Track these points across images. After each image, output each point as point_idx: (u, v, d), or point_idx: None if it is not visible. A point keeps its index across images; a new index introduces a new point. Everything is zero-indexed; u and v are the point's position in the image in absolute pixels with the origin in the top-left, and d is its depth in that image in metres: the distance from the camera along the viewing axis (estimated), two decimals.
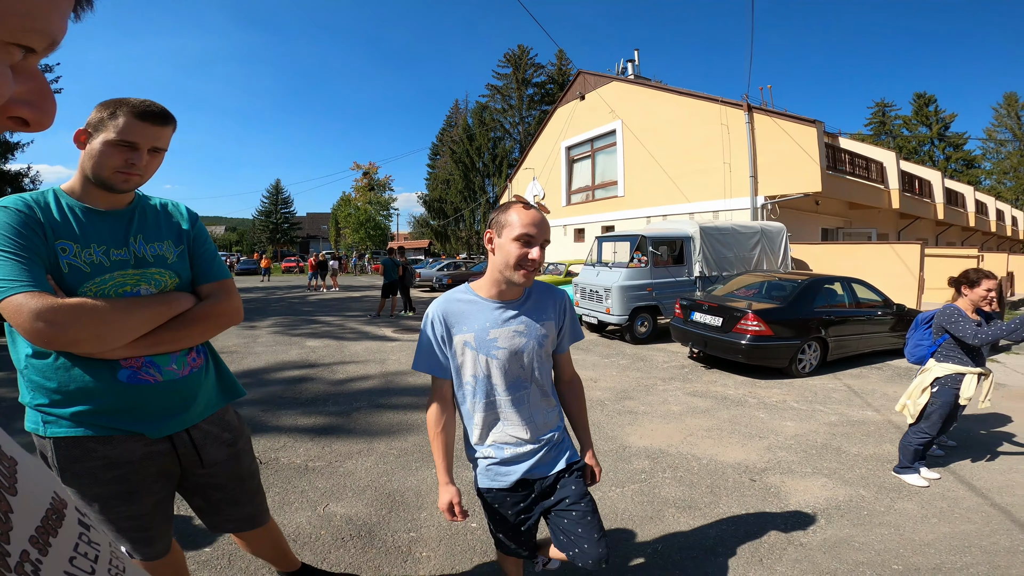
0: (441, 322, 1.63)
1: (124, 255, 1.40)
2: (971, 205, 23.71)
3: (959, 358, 3.44)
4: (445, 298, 1.67)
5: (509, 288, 1.61)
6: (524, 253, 1.52)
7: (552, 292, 1.75)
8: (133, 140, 1.32)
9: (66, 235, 1.32)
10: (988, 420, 4.81)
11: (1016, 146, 48.09)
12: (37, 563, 0.36)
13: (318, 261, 20.97)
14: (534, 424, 1.66)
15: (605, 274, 9.16)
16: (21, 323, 1.16)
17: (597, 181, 19.52)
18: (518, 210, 1.55)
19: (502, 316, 1.62)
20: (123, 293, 1.38)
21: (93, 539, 0.43)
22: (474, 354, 1.61)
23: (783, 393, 5.71)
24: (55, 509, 0.41)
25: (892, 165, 15.95)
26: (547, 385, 1.71)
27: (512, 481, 1.67)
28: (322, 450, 3.86)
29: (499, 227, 1.57)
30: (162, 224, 1.54)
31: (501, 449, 1.66)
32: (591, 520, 1.66)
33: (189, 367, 1.51)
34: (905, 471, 3.52)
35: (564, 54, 44.31)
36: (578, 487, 1.70)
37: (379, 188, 41.96)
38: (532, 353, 1.64)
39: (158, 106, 1.37)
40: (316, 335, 9.23)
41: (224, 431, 1.65)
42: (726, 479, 3.47)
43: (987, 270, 3.44)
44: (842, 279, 7.59)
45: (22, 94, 0.41)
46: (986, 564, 2.51)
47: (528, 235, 1.51)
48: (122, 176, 1.35)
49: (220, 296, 1.56)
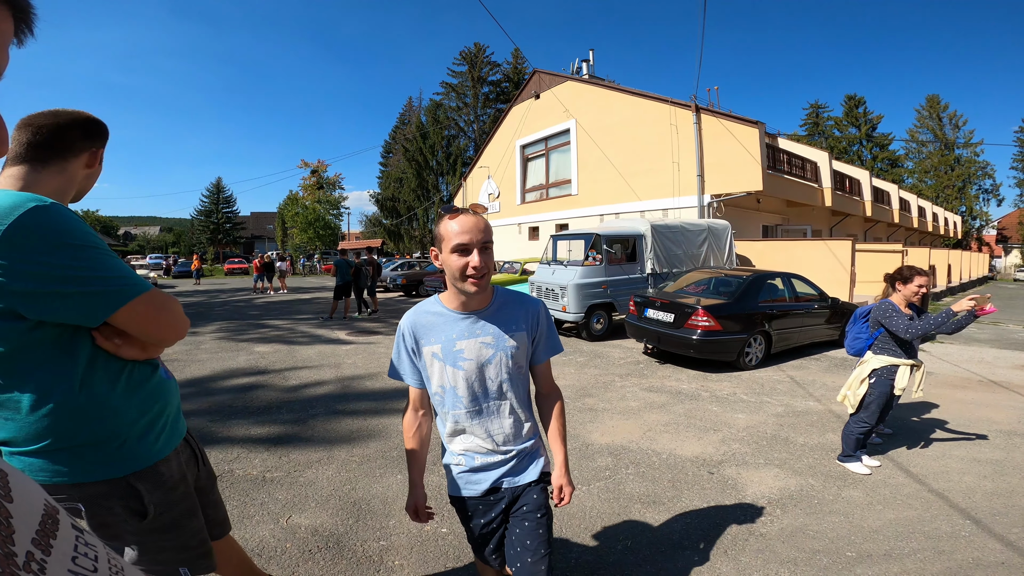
0: (411, 334, 1.62)
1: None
2: (896, 203, 25.45)
3: (894, 350, 3.69)
4: (416, 310, 1.65)
5: (470, 299, 1.57)
6: (464, 263, 1.47)
7: (525, 303, 1.70)
8: None
9: None
10: (919, 407, 5.19)
11: (937, 146, 52.18)
12: (42, 563, 0.38)
13: (264, 262, 20.17)
14: (503, 435, 1.64)
15: (561, 272, 9.28)
16: (172, 322, 1.12)
17: (551, 180, 19.71)
18: (448, 221, 1.51)
19: (469, 327, 1.59)
20: None
21: (88, 541, 0.45)
22: (441, 365, 1.59)
23: (733, 386, 5.96)
24: (49, 515, 0.43)
25: (825, 165, 16.90)
26: (519, 398, 1.67)
27: (483, 489, 1.65)
28: (279, 460, 3.71)
29: (438, 242, 1.53)
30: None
31: (472, 458, 1.65)
32: (539, 536, 1.62)
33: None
34: (848, 459, 3.74)
35: (520, 53, 44.52)
36: (539, 497, 1.68)
37: (328, 186, 40.82)
38: (500, 365, 1.60)
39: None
40: (265, 340, 8.88)
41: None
42: (686, 473, 3.59)
43: (919, 267, 3.71)
44: (782, 274, 8.00)
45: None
46: (931, 549, 2.69)
47: (461, 244, 1.46)
48: None
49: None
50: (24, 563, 0.36)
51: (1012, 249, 55.52)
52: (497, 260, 15.38)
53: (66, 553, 0.41)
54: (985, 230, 54.72)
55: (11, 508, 0.38)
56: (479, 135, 41.30)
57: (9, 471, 0.42)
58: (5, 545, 0.35)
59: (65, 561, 0.40)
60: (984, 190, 52.08)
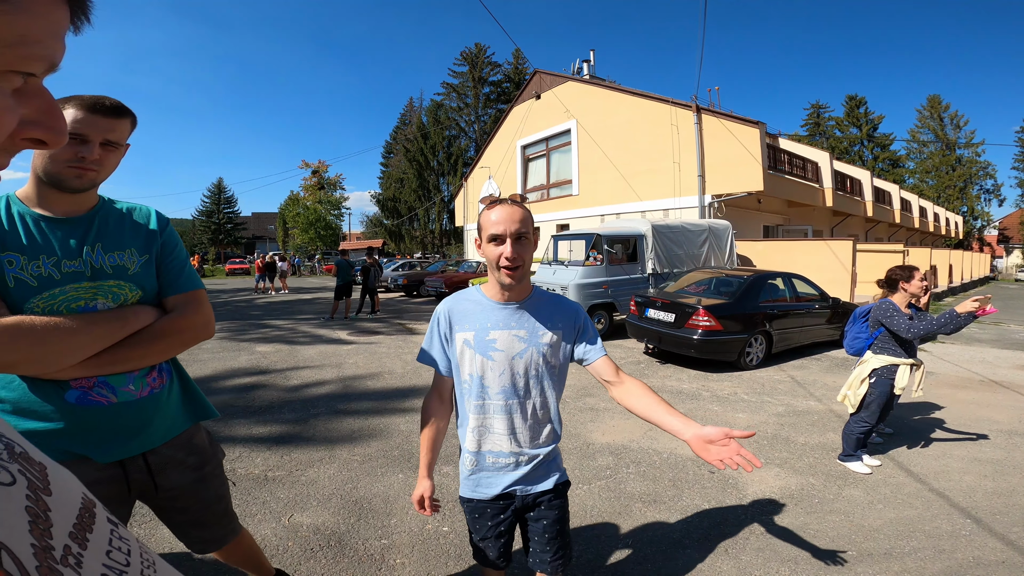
0: (447, 319, 1.63)
1: (77, 266, 1.29)
2: (897, 203, 25.43)
3: (894, 350, 3.69)
4: (454, 296, 1.67)
5: (506, 290, 1.57)
6: (498, 253, 1.47)
7: (564, 304, 1.68)
8: (83, 132, 1.23)
9: (12, 246, 1.22)
10: (920, 407, 5.19)
11: (938, 146, 52.14)
12: (79, 556, 0.38)
13: (266, 262, 20.19)
14: (524, 435, 1.61)
15: (562, 272, 9.29)
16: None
17: (552, 180, 19.73)
18: (486, 211, 1.52)
19: (504, 318, 1.59)
20: (76, 308, 1.27)
21: (122, 535, 0.45)
22: (472, 353, 1.58)
23: (733, 386, 5.97)
24: (87, 508, 0.43)
25: (826, 165, 16.90)
26: (547, 399, 1.63)
27: (493, 494, 1.64)
28: (281, 459, 3.73)
29: (479, 231, 1.54)
30: (126, 231, 1.42)
31: (485, 457, 1.63)
32: (558, 541, 1.68)
33: (149, 388, 1.40)
34: (849, 459, 3.74)
35: (521, 53, 44.60)
36: (559, 511, 1.69)
37: (329, 187, 40.86)
38: (531, 360, 1.58)
39: (111, 99, 1.29)
40: (266, 340, 8.89)
41: (189, 455, 1.54)
42: (687, 472, 3.60)
43: (912, 265, 3.73)
44: (783, 275, 8.00)
45: (30, 115, 0.41)
46: (931, 548, 2.70)
47: (494, 234, 1.47)
48: (74, 171, 1.25)
49: (186, 309, 1.45)
50: (61, 556, 0.36)
51: (1014, 249, 55.45)
52: None
53: (101, 547, 0.41)
54: (986, 230, 54.65)
55: (49, 501, 0.38)
56: (480, 135, 41.34)
57: (48, 463, 0.42)
58: (43, 539, 0.35)
59: (100, 555, 0.40)
60: (985, 190, 52.04)
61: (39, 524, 0.36)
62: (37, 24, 0.37)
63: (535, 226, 1.54)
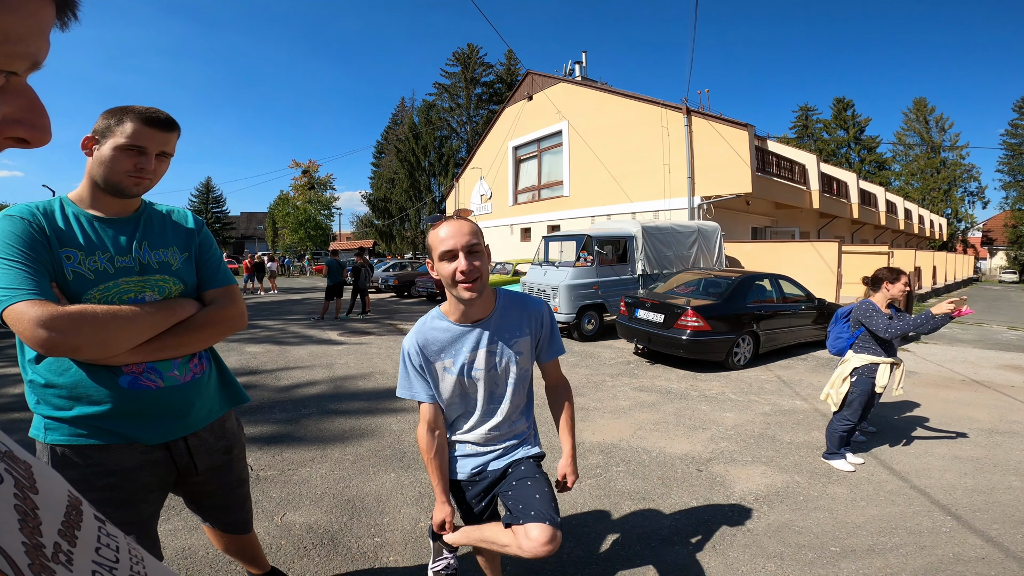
0: (418, 354, 1.64)
1: (128, 262, 1.41)
2: (882, 205, 25.80)
3: (874, 349, 3.77)
4: (420, 329, 1.67)
5: (468, 306, 1.58)
6: (452, 269, 1.48)
7: (527, 304, 1.71)
8: (142, 144, 1.35)
9: (70, 243, 1.34)
10: (902, 406, 5.29)
11: (923, 149, 52.89)
12: (69, 554, 0.38)
13: (254, 263, 20.05)
14: (502, 432, 1.74)
15: (552, 273, 9.34)
16: (23, 330, 1.17)
17: (543, 181, 19.80)
18: (433, 230, 1.53)
19: (475, 339, 1.63)
20: (128, 300, 1.39)
21: (110, 531, 0.45)
22: (453, 378, 1.65)
23: (721, 385, 6.04)
24: (73, 506, 0.43)
25: (813, 167, 17.12)
26: (521, 399, 1.75)
27: (468, 473, 1.75)
28: (272, 459, 3.73)
29: (430, 252, 1.56)
30: (168, 231, 1.55)
31: (465, 447, 1.75)
32: (546, 491, 1.63)
33: (191, 373, 1.51)
34: (833, 457, 3.82)
35: (513, 54, 44.63)
36: (528, 467, 1.72)
37: (320, 187, 40.64)
38: (507, 368, 1.66)
39: (163, 113, 1.41)
40: (256, 340, 8.84)
41: (221, 439, 1.66)
42: (675, 470, 3.65)
43: (898, 267, 3.82)
44: (770, 276, 8.11)
45: (12, 114, 0.41)
46: (913, 544, 2.76)
47: (446, 250, 1.48)
48: (133, 180, 1.38)
49: (224, 302, 1.57)
50: (52, 554, 0.36)
51: (997, 251, 56.40)
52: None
53: (90, 544, 0.41)
54: (970, 232, 55.57)
55: (37, 499, 0.38)
56: (472, 136, 41.26)
57: (33, 462, 0.42)
58: (33, 536, 0.35)
59: (89, 552, 0.40)
60: (969, 193, 52.86)
61: (29, 522, 0.35)
62: (20, 22, 0.36)
63: (486, 243, 1.57)
